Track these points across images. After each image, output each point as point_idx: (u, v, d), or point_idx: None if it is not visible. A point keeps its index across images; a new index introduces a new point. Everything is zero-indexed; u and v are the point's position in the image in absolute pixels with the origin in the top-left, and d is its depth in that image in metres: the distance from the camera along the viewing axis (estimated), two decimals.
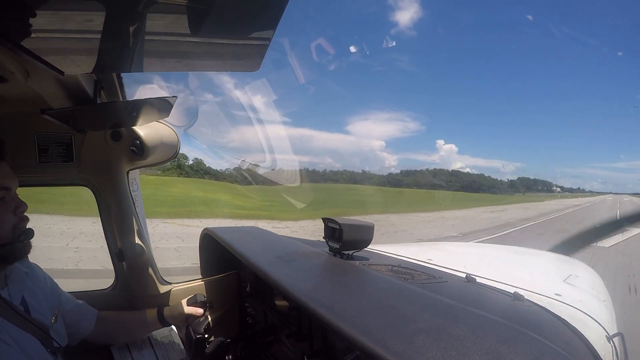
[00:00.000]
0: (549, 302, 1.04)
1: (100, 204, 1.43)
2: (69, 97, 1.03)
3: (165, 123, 1.48)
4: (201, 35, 0.69)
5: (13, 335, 0.88)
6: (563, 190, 66.38)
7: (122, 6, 0.60)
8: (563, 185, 74.24)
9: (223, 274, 1.65)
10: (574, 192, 65.38)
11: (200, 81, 1.34)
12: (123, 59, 0.80)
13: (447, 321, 0.70)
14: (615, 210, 23.85)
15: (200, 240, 1.77)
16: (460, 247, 2.79)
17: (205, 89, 1.47)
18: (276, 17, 0.65)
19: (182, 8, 0.61)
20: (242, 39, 0.74)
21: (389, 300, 0.83)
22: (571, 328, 0.87)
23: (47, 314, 1.02)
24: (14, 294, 0.95)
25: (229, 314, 1.63)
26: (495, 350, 0.59)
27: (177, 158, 1.54)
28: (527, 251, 2.41)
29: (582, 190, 70.50)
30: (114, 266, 1.49)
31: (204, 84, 1.38)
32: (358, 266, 1.17)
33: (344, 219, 1.22)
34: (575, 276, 1.52)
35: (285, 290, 0.90)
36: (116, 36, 0.66)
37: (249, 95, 1.87)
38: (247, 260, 1.20)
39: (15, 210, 0.91)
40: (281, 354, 1.26)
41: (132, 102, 1.12)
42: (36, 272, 1.08)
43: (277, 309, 1.28)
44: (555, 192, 64.67)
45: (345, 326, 0.67)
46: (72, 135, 1.32)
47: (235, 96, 4.08)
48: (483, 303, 0.95)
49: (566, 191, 67.24)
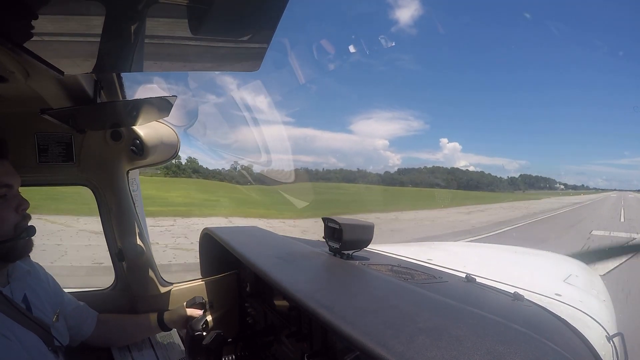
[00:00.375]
0: (549, 302, 1.04)
1: (100, 204, 1.43)
2: (69, 97, 1.03)
3: (165, 123, 1.48)
4: (201, 35, 0.69)
5: (15, 332, 0.89)
6: (567, 188, 65.70)
7: (122, 6, 0.60)
8: (567, 182, 73.48)
9: (223, 274, 1.65)
10: (577, 189, 64.89)
11: (200, 82, 1.35)
12: (123, 59, 0.80)
13: (447, 321, 0.70)
14: (619, 210, 22.17)
15: (200, 240, 1.77)
16: (460, 247, 2.79)
17: (204, 89, 1.48)
18: (276, 17, 0.65)
19: (182, 8, 0.61)
20: (242, 39, 0.74)
21: (389, 300, 0.83)
22: (571, 328, 0.87)
23: (48, 312, 1.02)
24: (16, 292, 0.95)
25: (229, 314, 1.63)
26: (495, 350, 0.59)
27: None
28: (527, 251, 2.42)
29: (586, 188, 69.80)
30: (114, 266, 1.49)
31: (204, 85, 1.39)
32: (358, 266, 1.17)
33: (344, 219, 1.22)
34: (575, 276, 1.52)
35: (285, 291, 0.90)
36: (116, 36, 0.66)
37: (249, 95, 1.87)
38: (247, 260, 1.20)
39: (17, 208, 0.91)
40: (281, 354, 1.26)
41: (132, 102, 1.12)
42: (38, 271, 1.09)
43: (277, 309, 1.28)
44: (557, 190, 64.10)
45: (346, 326, 0.67)
46: (72, 135, 1.32)
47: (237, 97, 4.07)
48: (483, 303, 0.95)
49: (570, 188, 66.59)
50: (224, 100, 2.65)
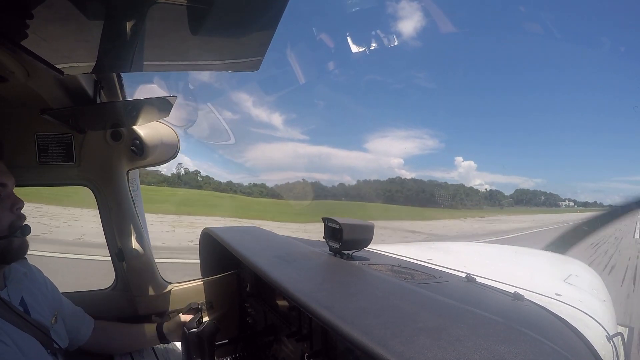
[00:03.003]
0: (549, 302, 1.04)
1: (100, 203, 1.43)
2: (69, 97, 1.03)
3: (165, 123, 1.48)
4: (201, 35, 0.69)
5: (12, 336, 0.87)
6: (578, 205, 63.92)
7: (122, 6, 0.60)
8: (581, 199, 71.16)
9: (223, 274, 1.65)
10: (587, 207, 62.59)
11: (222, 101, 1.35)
12: (123, 59, 0.80)
13: (447, 321, 0.70)
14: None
15: (200, 240, 1.77)
16: (460, 247, 2.79)
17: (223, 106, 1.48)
18: (276, 17, 0.65)
19: (182, 8, 0.61)
20: (242, 39, 0.74)
21: (389, 300, 0.83)
22: (571, 328, 0.87)
23: (46, 315, 1.01)
24: (13, 295, 0.94)
25: (229, 314, 1.63)
26: (495, 350, 0.59)
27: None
28: (527, 251, 2.42)
29: (600, 205, 67.09)
30: (114, 266, 1.49)
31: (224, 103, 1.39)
32: (358, 266, 1.17)
33: (344, 219, 1.22)
34: (575, 276, 1.52)
35: (285, 291, 0.90)
36: (116, 36, 0.66)
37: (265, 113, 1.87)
38: (247, 260, 1.20)
39: (12, 207, 0.91)
40: (281, 354, 1.26)
41: (132, 102, 1.12)
42: (35, 274, 1.07)
43: (277, 309, 1.28)
44: (561, 207, 62.24)
45: (346, 326, 0.67)
46: (72, 135, 1.32)
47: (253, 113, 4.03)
48: (483, 303, 0.95)
49: (580, 205, 64.65)
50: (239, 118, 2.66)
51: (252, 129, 15.71)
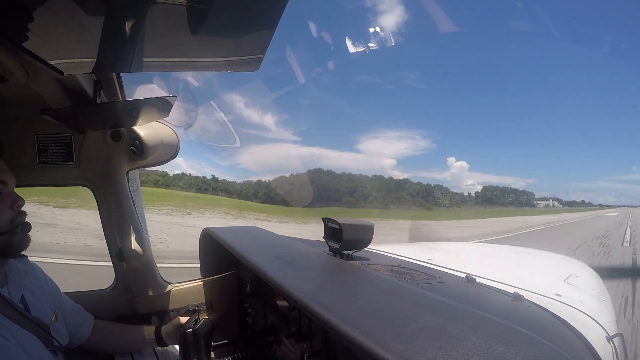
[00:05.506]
0: (549, 302, 1.04)
1: (100, 204, 1.43)
2: (69, 97, 1.03)
3: (165, 123, 1.48)
4: (201, 35, 0.69)
5: (13, 333, 0.88)
6: (563, 204, 61.20)
7: (122, 6, 0.60)
8: (574, 199, 68.42)
9: (223, 274, 1.65)
10: (573, 207, 59.65)
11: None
12: (123, 59, 0.80)
13: (447, 321, 0.70)
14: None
15: (200, 240, 1.77)
16: (460, 247, 2.78)
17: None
18: (276, 17, 0.65)
19: (182, 8, 0.61)
20: (242, 38, 0.74)
21: (389, 300, 0.83)
22: (571, 328, 0.87)
23: (47, 312, 1.02)
24: (14, 293, 0.95)
25: (229, 314, 1.63)
26: (495, 350, 0.59)
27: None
28: (527, 251, 2.41)
29: (590, 204, 63.89)
30: (114, 266, 1.49)
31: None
32: (358, 266, 1.17)
33: (344, 219, 1.22)
34: (575, 276, 1.52)
35: (285, 291, 0.90)
36: (116, 36, 0.66)
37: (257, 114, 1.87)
38: (247, 260, 1.20)
39: (12, 205, 0.93)
40: (281, 354, 1.26)
41: (131, 102, 1.12)
42: (36, 272, 1.08)
43: (277, 309, 1.28)
44: (538, 207, 58.27)
45: (345, 326, 0.67)
46: (72, 136, 1.32)
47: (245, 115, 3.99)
48: (483, 303, 0.95)
49: (566, 205, 62.16)
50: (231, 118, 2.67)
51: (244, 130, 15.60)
